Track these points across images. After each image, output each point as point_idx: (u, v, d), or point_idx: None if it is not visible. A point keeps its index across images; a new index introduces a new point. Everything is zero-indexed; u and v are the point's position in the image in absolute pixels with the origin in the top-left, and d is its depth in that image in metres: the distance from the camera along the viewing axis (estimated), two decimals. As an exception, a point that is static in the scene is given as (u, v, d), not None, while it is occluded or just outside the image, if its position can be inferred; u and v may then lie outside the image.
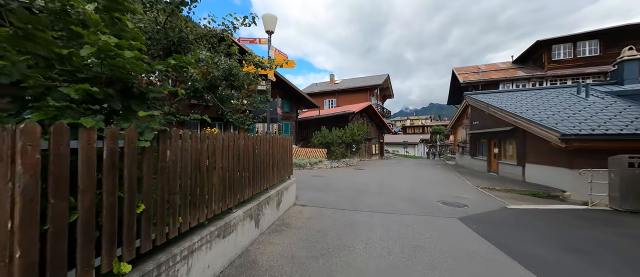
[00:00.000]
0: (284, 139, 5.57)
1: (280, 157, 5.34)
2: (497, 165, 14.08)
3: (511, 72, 22.17)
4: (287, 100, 21.41)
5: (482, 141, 16.26)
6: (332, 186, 9.20)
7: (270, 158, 4.77)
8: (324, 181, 10.22)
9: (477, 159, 16.58)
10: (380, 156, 30.68)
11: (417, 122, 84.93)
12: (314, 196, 7.32)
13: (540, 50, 21.11)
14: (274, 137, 5.11)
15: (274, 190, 4.86)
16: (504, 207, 6.82)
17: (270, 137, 4.82)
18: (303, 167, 14.01)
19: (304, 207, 5.88)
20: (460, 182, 11.29)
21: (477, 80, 22.25)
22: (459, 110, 19.19)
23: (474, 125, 16.53)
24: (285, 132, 21.25)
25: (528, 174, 11.41)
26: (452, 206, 6.80)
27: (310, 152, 15.52)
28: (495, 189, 9.87)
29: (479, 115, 15.67)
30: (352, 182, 10.38)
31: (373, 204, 6.59)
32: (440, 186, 10.18)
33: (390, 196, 7.66)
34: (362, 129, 19.03)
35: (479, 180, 11.97)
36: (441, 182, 11.34)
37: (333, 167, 16.33)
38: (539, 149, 10.87)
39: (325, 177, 11.37)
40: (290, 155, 6.02)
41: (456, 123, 21.12)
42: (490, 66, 26.52)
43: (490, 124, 14.29)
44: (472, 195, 8.47)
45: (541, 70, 20.94)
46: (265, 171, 4.52)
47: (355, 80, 36.47)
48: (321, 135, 17.44)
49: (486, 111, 14.13)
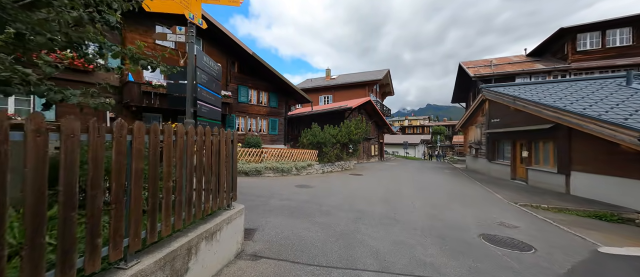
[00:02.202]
0: (214, 137, 2.90)
1: (211, 170, 2.71)
2: (525, 171, 11.51)
3: (528, 65, 19.67)
4: (274, 94, 18.70)
5: (503, 141, 13.71)
6: (318, 203, 6.52)
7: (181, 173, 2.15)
8: (308, 195, 7.54)
9: (496, 164, 14.02)
10: (380, 158, 28.10)
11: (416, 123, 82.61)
12: (284, 227, 4.63)
13: (563, 39, 18.63)
14: (188, 131, 2.45)
15: (184, 240, 2.20)
16: (595, 250, 4.20)
17: (169, 130, 2.16)
18: (287, 174, 11.34)
19: (256, 264, 3.19)
20: (488, 197, 8.68)
21: (489, 74, 19.70)
22: (473, 106, 16.62)
23: (493, 123, 13.96)
24: (272, 131, 18.54)
25: (575, 185, 8.83)
26: (508, 247, 4.18)
27: (298, 154, 12.85)
28: (540, 207, 7.28)
29: (501, 111, 13.11)
30: (347, 196, 7.72)
31: (382, 248, 3.93)
32: (468, 203, 7.55)
33: (406, 227, 5.00)
34: (361, 127, 16.39)
35: (509, 192, 9.38)
36: (464, 195, 8.71)
37: (325, 172, 13.65)
38: (592, 153, 8.32)
39: (313, 188, 8.69)
40: (232, 164, 3.33)
41: (468, 121, 18.57)
42: (501, 60, 24.05)
43: (517, 121, 11.73)
44: (519, 219, 5.86)
45: (563, 62, 18.47)
46: (154, 207, 1.87)
47: (353, 76, 33.83)
48: (311, 134, 14.74)
49: (511, 106, 11.57)
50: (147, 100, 11.11)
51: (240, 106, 16.51)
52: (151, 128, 1.96)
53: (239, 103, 16.44)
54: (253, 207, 5.83)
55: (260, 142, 14.20)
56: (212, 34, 14.44)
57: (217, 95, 3.81)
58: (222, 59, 15.38)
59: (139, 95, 10.88)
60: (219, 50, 15.19)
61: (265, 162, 10.96)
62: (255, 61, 16.07)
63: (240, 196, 6.96)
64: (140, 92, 10.87)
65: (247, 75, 16.89)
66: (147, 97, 11.12)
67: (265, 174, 10.71)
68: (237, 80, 16.34)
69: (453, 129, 67.57)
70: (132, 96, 10.81)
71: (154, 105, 11.30)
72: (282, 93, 19.13)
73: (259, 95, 17.94)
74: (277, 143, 18.83)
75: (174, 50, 12.68)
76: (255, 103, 17.65)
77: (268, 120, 18.41)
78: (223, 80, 15.48)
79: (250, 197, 6.82)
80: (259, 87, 17.77)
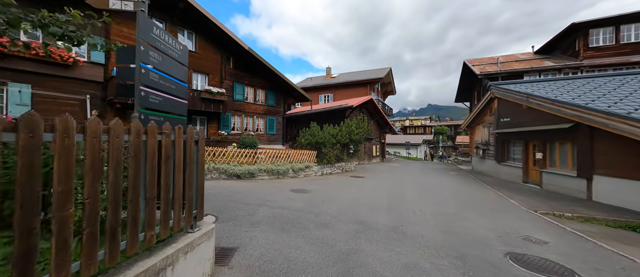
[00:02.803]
0: (164, 137, 2.12)
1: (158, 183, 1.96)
2: (539, 174, 10.71)
3: (537, 63, 18.86)
4: (271, 92, 17.94)
5: (513, 142, 12.91)
6: (314, 212, 5.76)
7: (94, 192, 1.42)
8: (304, 202, 6.78)
9: (505, 165, 13.22)
10: (382, 159, 27.32)
11: (417, 123, 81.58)
12: (271, 246, 3.87)
13: (575, 35, 17.81)
14: (112, 127, 1.68)
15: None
16: (653, 278, 3.42)
17: (66, 124, 1.40)
18: (283, 176, 10.58)
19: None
20: (503, 202, 7.89)
21: (496, 71, 18.88)
22: (480, 105, 15.82)
23: (503, 122, 13.16)
24: (269, 131, 17.78)
25: (598, 191, 8.04)
26: (544, 272, 3.42)
27: (296, 155, 12.09)
28: (564, 217, 6.50)
29: (511, 110, 12.31)
30: (348, 202, 6.95)
31: (391, 275, 3.17)
32: (482, 210, 6.77)
33: (417, 243, 4.23)
34: (362, 127, 15.59)
35: (524, 196, 8.60)
36: (477, 202, 7.93)
37: (324, 174, 12.89)
38: (619, 155, 7.53)
39: (310, 193, 7.93)
40: (195, 174, 2.55)
41: (474, 121, 17.76)
42: (508, 57, 23.23)
43: (530, 120, 10.95)
44: (545, 232, 5.08)
45: (575, 59, 17.64)
46: (27, 254, 1.12)
47: (354, 74, 33.05)
48: (310, 134, 13.95)
49: (524, 104, 10.80)
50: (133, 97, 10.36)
51: (235, 104, 15.75)
52: (22, 121, 1.19)
53: (235, 101, 15.68)
54: (238, 218, 5.07)
55: (256, 142, 13.44)
56: (205, 28, 13.69)
57: (181, 83, 3.01)
58: (216, 54, 14.63)
59: (123, 91, 10.14)
60: (213, 45, 14.44)
61: (259, 164, 10.20)
62: (251, 57, 15.31)
63: (227, 204, 6.20)
64: (126, 87, 10.13)
65: (243, 72, 16.12)
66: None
67: (259, 176, 9.95)
68: (232, 77, 15.58)
69: (456, 129, 66.65)
70: (118, 92, 10.06)
71: (141, 102, 10.55)
72: (280, 91, 18.36)
73: (256, 93, 17.17)
74: (275, 143, 18.07)
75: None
76: (252, 101, 16.88)
77: (265, 119, 17.64)
78: (217, 76, 14.73)
79: (237, 205, 6.06)
80: (256, 85, 17.00)
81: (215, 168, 8.91)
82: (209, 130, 14.38)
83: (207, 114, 13.90)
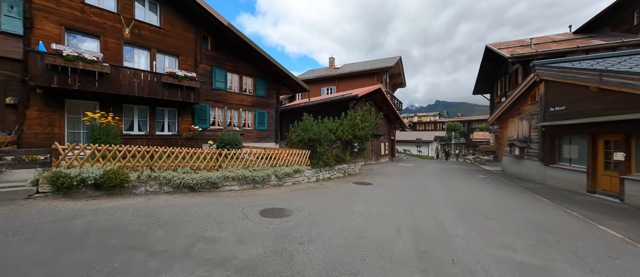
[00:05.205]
0: None
1: None
2: (618, 182, 7.68)
3: (583, 41, 15.54)
4: (262, 80, 15.17)
5: (570, 137, 9.83)
6: (282, 272, 2.98)
7: None
8: (273, 240, 4.01)
9: (557, 168, 10.15)
10: (391, 158, 24.33)
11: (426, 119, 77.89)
12: None
13: (631, 8, 14.46)
14: None
15: None
16: None
17: None
18: (261, 186, 7.84)
19: None
20: (588, 232, 4.94)
21: (530, 53, 15.62)
22: (518, 92, 12.70)
23: (554, 112, 10.08)
24: (259, 126, 15.06)
25: None
26: None
27: (285, 155, 9.32)
28: None
29: (570, 95, 9.24)
30: (347, 242, 4.14)
31: None
32: (574, 252, 3.84)
33: None
34: (369, 120, 12.69)
35: (612, 219, 5.63)
36: (551, 230, 4.98)
37: (320, 180, 10.09)
38: None
39: (288, 218, 5.14)
40: None
41: (506, 113, 14.62)
42: (541, 39, 19.90)
43: (601, 108, 7.89)
44: None
45: (632, 35, 14.32)
46: None
47: (359, 64, 30.03)
48: (302, 129, 11.09)
49: (593, 85, 7.83)
50: (60, 80, 7.73)
51: (215, 94, 13.06)
52: None
53: (214, 90, 12.98)
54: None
55: (239, 139, 10.70)
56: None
57: None
58: (189, 32, 11.92)
59: (44, 72, 7.52)
60: (184, 20, 11.72)
61: (225, 170, 7.44)
62: (235, 37, 12.56)
63: (110, 258, 2.99)
64: (44, 67, 7.50)
65: (224, 55, 13.39)
66: (60, 76, 7.74)
67: (226, 187, 7.21)
68: (210, 60, 12.86)
69: (469, 125, 62.73)
70: (35, 73, 7.46)
71: (74, 87, 7.93)
72: (272, 79, 15.58)
73: (242, 82, 14.42)
74: (266, 141, 15.36)
75: (115, 14, 8.46)
76: (237, 91, 14.16)
77: (254, 112, 14.91)
78: (190, 59, 12.04)
79: (129, 261, 3.29)
80: (241, 71, 14.25)
81: (153, 177, 6.18)
82: (181, 126, 11.73)
83: (178, 104, 11.25)
